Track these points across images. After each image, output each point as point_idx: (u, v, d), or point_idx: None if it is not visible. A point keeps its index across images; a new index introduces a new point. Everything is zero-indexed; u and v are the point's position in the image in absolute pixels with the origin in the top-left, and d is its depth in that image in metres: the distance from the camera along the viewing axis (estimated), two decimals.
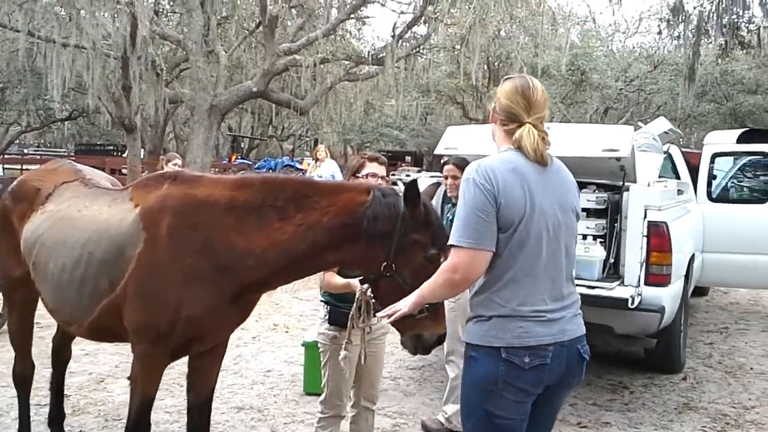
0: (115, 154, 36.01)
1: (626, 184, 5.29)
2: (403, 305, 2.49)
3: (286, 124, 36.23)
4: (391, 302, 2.57)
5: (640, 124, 6.49)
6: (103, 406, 4.89)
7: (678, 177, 7.13)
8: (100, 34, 13.61)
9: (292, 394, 5.27)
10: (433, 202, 5.71)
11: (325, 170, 11.75)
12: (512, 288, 2.34)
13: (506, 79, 2.56)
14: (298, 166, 26.08)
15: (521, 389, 2.33)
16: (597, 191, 5.40)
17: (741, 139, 8.63)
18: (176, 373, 4.58)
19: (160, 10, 18.68)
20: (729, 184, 7.42)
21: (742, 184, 7.43)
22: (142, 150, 21.01)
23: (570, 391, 2.56)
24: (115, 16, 13.53)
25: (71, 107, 29.49)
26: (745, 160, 7.42)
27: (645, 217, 4.99)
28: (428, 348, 2.77)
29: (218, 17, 17.97)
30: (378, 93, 21.56)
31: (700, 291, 9.02)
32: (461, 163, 4.01)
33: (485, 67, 25.09)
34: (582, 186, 5.53)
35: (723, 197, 7.41)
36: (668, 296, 5.05)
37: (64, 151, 49.75)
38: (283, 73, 18.35)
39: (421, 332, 2.69)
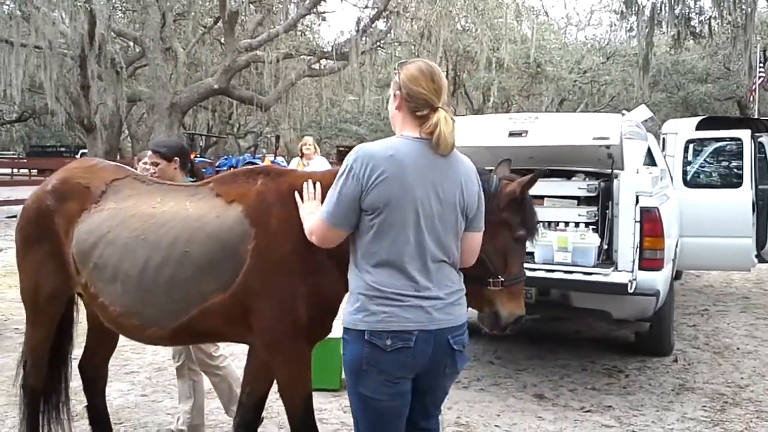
0: (67, 156, 35.04)
1: (615, 171, 5.35)
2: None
3: (242, 122, 35.81)
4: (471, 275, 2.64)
5: (623, 111, 6.57)
6: None
7: (654, 164, 7.26)
8: (57, 32, 13.21)
9: None
10: None
11: (317, 167, 11.32)
12: (379, 271, 2.41)
13: (406, 63, 2.55)
14: (259, 163, 25.83)
15: (384, 371, 2.40)
16: (588, 179, 5.46)
17: (699, 127, 8.87)
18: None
19: (115, 5, 18.22)
20: (703, 170, 7.60)
21: (716, 169, 7.61)
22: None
23: (449, 380, 2.58)
24: (73, 14, 13.13)
25: (21, 109, 28.65)
26: (716, 146, 7.60)
27: (637, 203, 5.07)
28: (506, 327, 2.74)
29: (174, 13, 17.66)
30: (339, 88, 21.48)
31: (675, 275, 9.21)
32: (161, 150, 3.98)
33: (445, 60, 25.23)
34: (571, 174, 5.60)
35: (698, 183, 7.58)
36: (662, 280, 5.14)
37: (14, 153, 48.27)
38: (243, 70, 18.15)
39: (498, 309, 2.68)
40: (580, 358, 6.00)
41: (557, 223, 5.40)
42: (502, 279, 2.68)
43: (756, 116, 19.66)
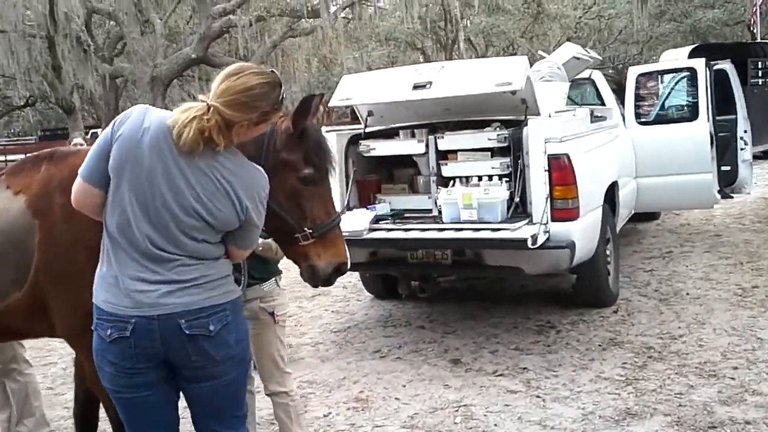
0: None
1: (528, 118, 5.00)
2: None
3: None
4: (275, 232, 2.56)
5: (541, 53, 6.17)
6: None
7: (603, 103, 6.85)
8: (19, 15, 13.00)
9: None
10: (336, 153, 5.45)
11: None
12: (108, 252, 2.27)
13: None
14: None
15: (112, 362, 2.26)
16: (498, 129, 5.11)
17: (692, 55, 8.34)
18: None
19: None
20: (657, 105, 7.13)
21: (671, 103, 7.13)
22: (99, 129, 20.48)
23: (202, 369, 2.30)
24: None
25: (28, 93, 28.77)
26: (670, 77, 7.11)
27: (545, 151, 4.73)
28: (326, 279, 2.58)
29: None
30: (335, 47, 20.91)
31: (650, 216, 8.84)
32: None
33: (442, 6, 24.55)
34: (485, 124, 5.26)
35: (653, 119, 7.14)
36: (579, 230, 4.82)
37: (33, 138, 48.83)
38: (224, 36, 17.80)
39: (314, 262, 2.52)
40: (515, 314, 5.73)
41: (470, 177, 5.09)
42: (310, 230, 2.48)
43: (759, 39, 18.76)
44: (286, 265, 3.12)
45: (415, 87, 5.07)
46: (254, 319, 3.26)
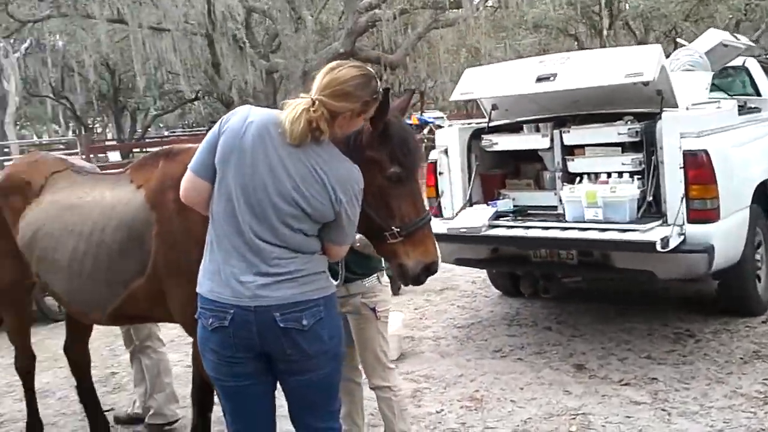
0: None
1: (664, 110, 4.67)
2: None
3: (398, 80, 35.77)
4: (364, 230, 2.54)
5: (680, 41, 5.68)
6: None
7: (758, 94, 6.25)
8: (180, 15, 13.96)
9: None
10: (458, 147, 5.40)
11: None
12: (213, 242, 2.37)
13: None
14: (407, 121, 25.80)
15: (214, 351, 2.37)
16: (630, 122, 4.80)
17: None
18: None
19: None
20: None
21: None
22: None
23: (297, 363, 2.36)
24: None
25: (196, 88, 30.88)
26: None
27: (681, 146, 4.39)
28: (415, 278, 2.55)
29: None
30: (483, 36, 20.53)
31: None
32: None
33: None
34: (617, 117, 4.98)
35: None
36: (719, 233, 4.43)
37: (204, 129, 52.65)
38: (372, 29, 18.10)
39: (403, 261, 2.52)
40: (651, 320, 5.38)
41: (598, 174, 4.84)
42: (398, 229, 2.47)
43: None
44: None
45: (539, 79, 4.89)
46: (357, 315, 3.31)
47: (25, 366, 3.84)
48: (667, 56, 5.38)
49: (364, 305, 3.30)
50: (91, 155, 14.22)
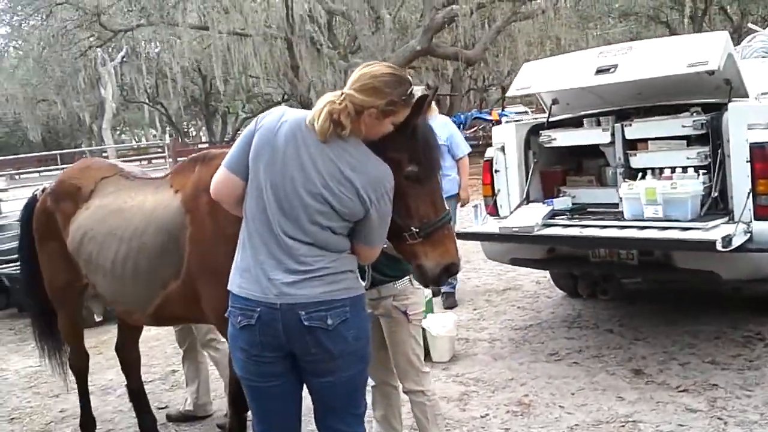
0: None
1: (732, 100, 4.38)
2: None
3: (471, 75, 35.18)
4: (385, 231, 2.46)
5: (752, 26, 5.28)
6: None
7: None
8: (261, 20, 14.33)
9: None
10: (515, 144, 5.26)
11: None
12: (244, 240, 2.39)
13: None
14: (487, 117, 25.47)
15: (243, 349, 2.38)
16: (696, 114, 4.53)
17: None
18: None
19: None
20: None
21: None
22: None
23: (321, 363, 2.35)
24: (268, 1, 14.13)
25: (283, 90, 31.66)
26: None
27: (747, 138, 4.10)
28: (435, 279, 2.51)
29: None
30: (563, 27, 20.02)
31: None
32: None
33: None
34: (684, 109, 4.71)
35: None
36: None
37: None
38: (449, 25, 17.96)
39: (422, 261, 2.48)
40: (720, 323, 5.07)
41: (662, 169, 4.59)
42: (416, 229, 2.43)
43: None
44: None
45: (598, 71, 4.67)
46: (388, 317, 3.27)
47: (78, 365, 3.99)
48: None
49: (396, 308, 3.24)
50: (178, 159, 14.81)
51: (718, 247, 3.83)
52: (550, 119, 5.40)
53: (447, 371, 4.77)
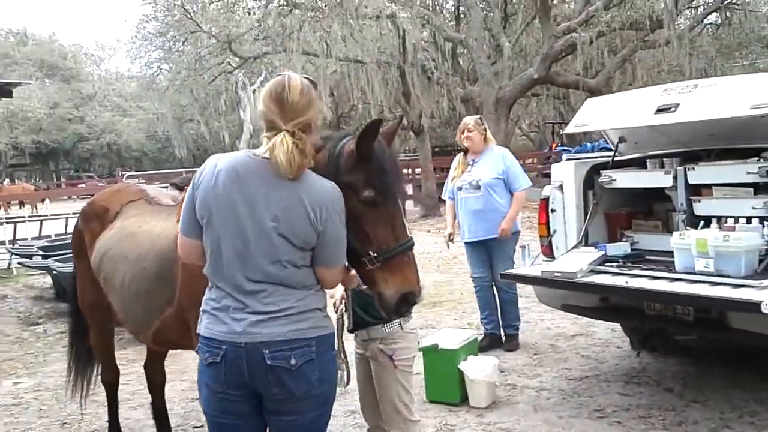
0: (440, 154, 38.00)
1: None
2: None
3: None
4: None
5: None
6: None
7: None
8: (374, 49, 14.63)
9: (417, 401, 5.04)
10: (573, 183, 4.99)
11: (486, 167, 6.21)
12: (211, 287, 2.41)
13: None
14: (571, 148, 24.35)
15: (208, 385, 2.38)
16: (761, 160, 4.11)
17: None
18: None
19: (438, 10, 19.22)
20: None
21: None
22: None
23: (282, 403, 2.32)
24: (379, 30, 14.42)
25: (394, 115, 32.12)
26: None
27: None
28: (394, 309, 2.42)
29: (501, 9, 17.90)
30: (690, 56, 18.97)
31: None
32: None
33: None
34: (748, 155, 4.29)
35: None
36: None
37: (403, 156, 54.31)
38: (569, 54, 17.49)
39: (381, 289, 2.41)
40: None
41: (725, 218, 4.20)
42: (374, 254, 2.37)
43: None
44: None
45: (659, 110, 4.38)
46: (375, 360, 3.19)
47: (108, 380, 4.20)
48: None
49: (381, 352, 3.17)
50: None
51: (763, 309, 3.43)
52: (615, 158, 5.10)
53: (480, 418, 4.57)
